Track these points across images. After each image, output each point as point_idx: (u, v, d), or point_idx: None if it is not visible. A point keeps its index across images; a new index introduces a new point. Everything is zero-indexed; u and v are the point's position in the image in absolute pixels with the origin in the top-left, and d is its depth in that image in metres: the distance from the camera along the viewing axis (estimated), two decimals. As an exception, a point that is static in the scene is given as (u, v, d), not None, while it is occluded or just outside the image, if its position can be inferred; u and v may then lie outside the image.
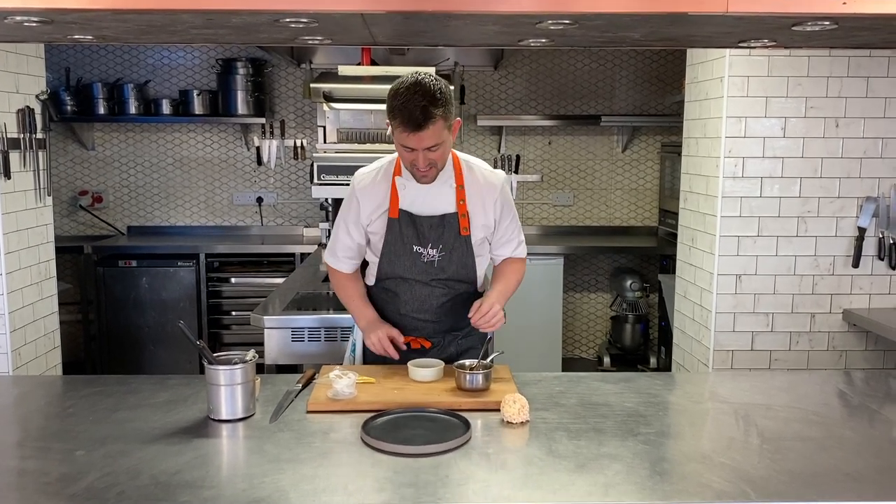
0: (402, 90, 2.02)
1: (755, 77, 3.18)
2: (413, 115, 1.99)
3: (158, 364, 4.86)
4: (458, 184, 2.23)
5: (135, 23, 1.44)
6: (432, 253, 2.24)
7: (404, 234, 2.23)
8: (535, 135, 5.51)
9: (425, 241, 2.23)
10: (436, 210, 2.23)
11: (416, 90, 2.00)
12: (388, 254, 2.26)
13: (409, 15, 1.36)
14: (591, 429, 1.76)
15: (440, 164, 2.16)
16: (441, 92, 2.03)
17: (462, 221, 2.23)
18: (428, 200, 2.23)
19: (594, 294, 5.69)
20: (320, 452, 1.62)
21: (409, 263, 2.25)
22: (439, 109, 2.02)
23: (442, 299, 2.29)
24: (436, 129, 2.03)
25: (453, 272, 2.27)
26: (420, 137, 2.03)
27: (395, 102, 2.03)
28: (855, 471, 1.55)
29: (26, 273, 3.28)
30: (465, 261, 2.27)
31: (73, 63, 5.29)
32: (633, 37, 1.62)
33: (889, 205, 3.27)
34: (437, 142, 2.06)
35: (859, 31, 1.52)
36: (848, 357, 3.37)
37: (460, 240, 2.24)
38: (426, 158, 2.08)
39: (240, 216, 5.55)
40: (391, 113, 2.05)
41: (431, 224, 2.22)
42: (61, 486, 1.46)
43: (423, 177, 2.15)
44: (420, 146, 2.05)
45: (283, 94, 5.43)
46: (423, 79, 2.04)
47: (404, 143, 2.06)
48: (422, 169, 2.11)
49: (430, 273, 2.26)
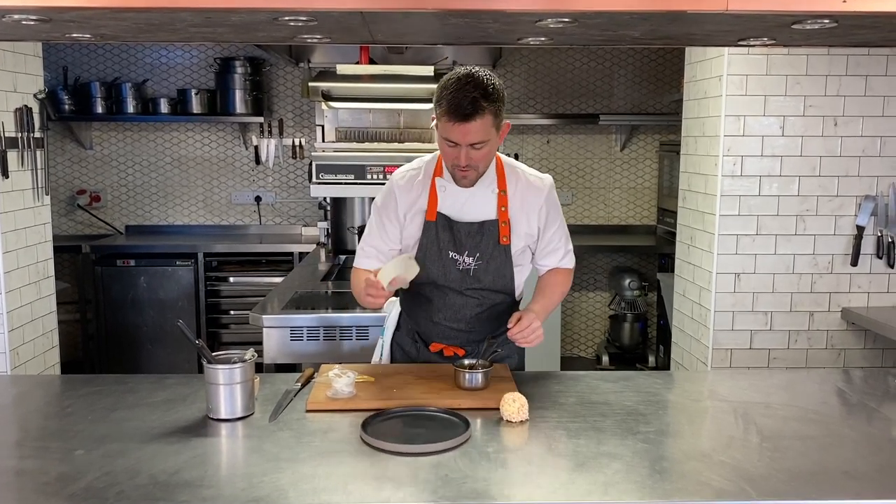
0: (453, 80, 1.92)
1: (754, 76, 3.18)
2: (461, 104, 1.89)
3: (157, 363, 4.86)
4: (501, 189, 2.12)
5: (133, 21, 1.44)
6: (468, 261, 2.12)
7: (440, 239, 2.12)
8: (534, 134, 5.51)
9: (461, 249, 2.12)
10: (475, 216, 2.12)
11: (469, 81, 1.91)
12: (421, 258, 2.13)
13: (408, 13, 1.36)
14: (590, 427, 1.76)
15: (482, 167, 2.05)
16: (494, 87, 1.93)
17: (502, 229, 2.11)
18: (468, 206, 2.12)
19: (593, 293, 5.69)
20: (319, 452, 1.62)
21: (443, 270, 2.14)
22: (490, 104, 1.91)
23: (476, 310, 2.18)
24: (483, 123, 1.92)
25: (489, 282, 2.15)
26: (465, 130, 1.92)
27: (444, 92, 1.93)
28: (854, 469, 1.55)
29: (24, 272, 3.27)
30: (503, 271, 2.15)
31: (70, 62, 5.28)
32: (632, 35, 1.62)
33: (888, 203, 3.28)
34: (483, 139, 1.95)
35: (859, 29, 1.52)
36: (846, 355, 3.38)
37: (499, 248, 2.12)
38: (468, 156, 1.97)
39: (238, 215, 5.55)
40: (438, 102, 1.94)
41: (470, 231, 2.11)
42: (60, 485, 1.45)
43: (462, 176, 2.04)
44: (464, 140, 1.94)
45: (282, 93, 5.43)
46: (478, 72, 1.94)
47: (448, 135, 1.95)
48: (462, 166, 2.00)
49: (464, 282, 2.15)
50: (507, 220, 2.12)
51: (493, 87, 1.93)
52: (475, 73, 1.93)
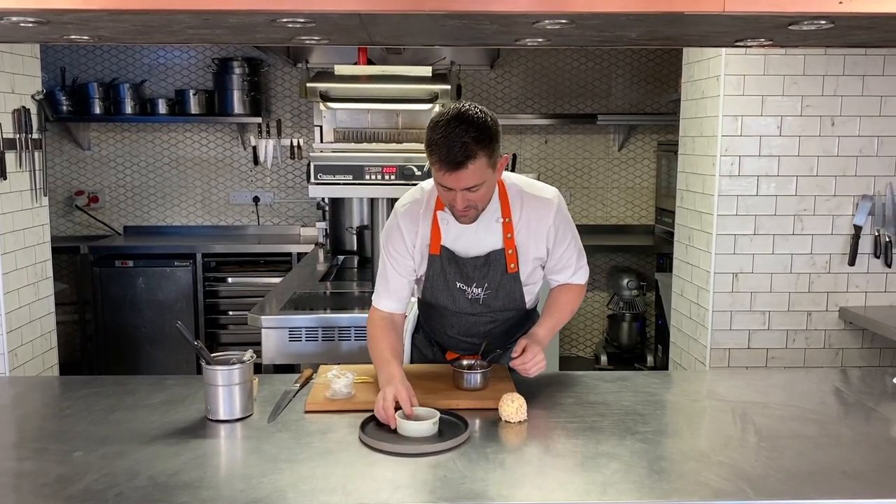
0: (443, 122, 1.83)
1: (751, 76, 3.18)
2: (451, 151, 1.80)
3: (156, 364, 4.85)
4: (506, 217, 2.04)
5: (131, 23, 1.44)
6: (477, 291, 2.09)
7: (446, 272, 2.08)
8: (532, 134, 5.51)
9: (469, 281, 2.08)
10: (480, 250, 2.06)
11: (458, 124, 1.81)
12: (429, 288, 2.12)
13: (406, 15, 1.36)
14: (588, 427, 1.76)
15: (481, 206, 1.97)
16: (486, 128, 1.83)
17: (509, 258, 2.06)
18: (472, 239, 2.06)
19: (591, 293, 5.69)
20: (318, 452, 1.62)
21: (452, 299, 2.12)
22: (482, 147, 1.82)
23: (489, 326, 2.17)
24: (477, 168, 1.83)
25: (500, 307, 2.13)
26: (458, 177, 1.83)
27: (434, 136, 1.84)
28: (852, 468, 1.56)
29: (22, 274, 3.27)
30: (513, 296, 2.12)
31: (68, 63, 5.28)
32: (629, 36, 1.62)
33: (885, 203, 3.28)
34: (478, 182, 1.86)
35: (856, 30, 1.53)
36: (844, 355, 3.38)
37: (507, 277, 2.08)
38: (465, 199, 1.89)
39: (236, 216, 5.54)
40: (429, 147, 1.86)
41: (476, 264, 2.07)
42: (59, 487, 1.46)
43: (461, 216, 1.97)
44: (458, 186, 1.86)
45: (280, 94, 5.43)
46: (468, 111, 1.84)
47: (441, 181, 1.88)
48: (459, 209, 1.93)
49: (475, 308, 2.13)
50: (514, 248, 2.06)
51: (485, 127, 1.83)
52: (465, 112, 1.84)
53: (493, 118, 1.89)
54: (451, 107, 1.88)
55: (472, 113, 1.84)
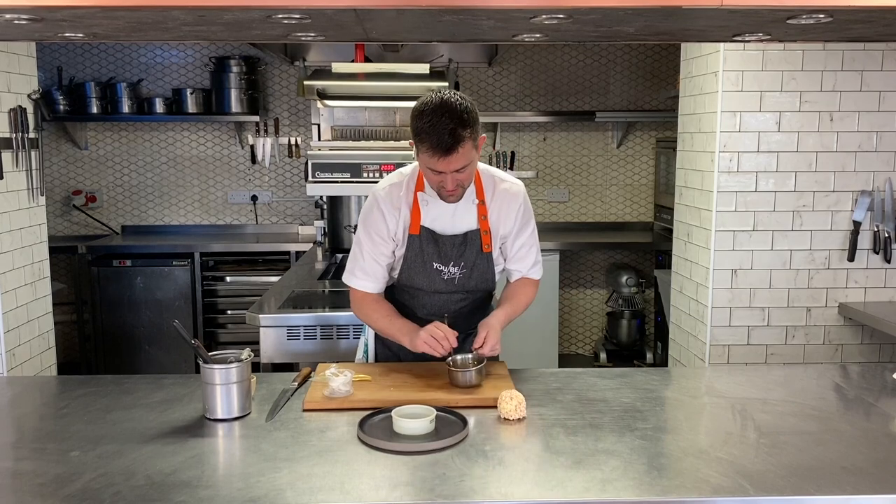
0: (428, 111, 1.94)
1: (749, 72, 3.18)
2: (442, 138, 1.92)
3: (154, 364, 4.85)
4: (480, 199, 2.17)
5: (125, 20, 1.43)
6: (453, 271, 2.18)
7: (425, 252, 2.17)
8: (530, 131, 5.51)
9: (446, 260, 2.17)
10: (458, 228, 2.18)
11: (444, 111, 1.92)
12: (406, 269, 2.20)
13: (402, 10, 1.36)
14: (587, 424, 1.75)
15: (467, 184, 2.09)
16: (468, 111, 1.96)
17: (484, 238, 2.18)
18: (451, 218, 2.17)
19: (590, 290, 5.69)
20: (317, 451, 1.61)
21: (428, 280, 2.20)
22: (468, 130, 1.95)
23: (460, 304, 2.25)
24: (465, 150, 1.96)
25: (472, 286, 2.23)
26: (449, 161, 1.96)
27: (422, 124, 1.95)
28: (852, 464, 1.55)
29: (20, 273, 3.26)
30: (486, 275, 2.22)
31: (65, 62, 5.27)
32: (627, 31, 1.62)
33: (884, 199, 3.28)
34: (466, 163, 1.99)
35: (854, 23, 1.52)
36: (844, 351, 3.38)
37: (482, 256, 2.19)
38: (454, 180, 2.02)
39: (234, 215, 5.54)
40: (418, 136, 1.97)
41: (454, 243, 2.17)
42: (56, 486, 1.45)
43: (449, 196, 2.08)
44: (449, 169, 1.98)
45: (277, 92, 5.42)
46: (449, 98, 1.96)
47: (432, 166, 1.99)
48: (449, 190, 2.05)
49: (449, 286, 2.21)
50: (489, 230, 2.18)
51: (467, 112, 1.95)
52: (447, 99, 1.95)
53: (472, 102, 2.01)
54: (432, 95, 1.98)
55: (454, 100, 1.96)
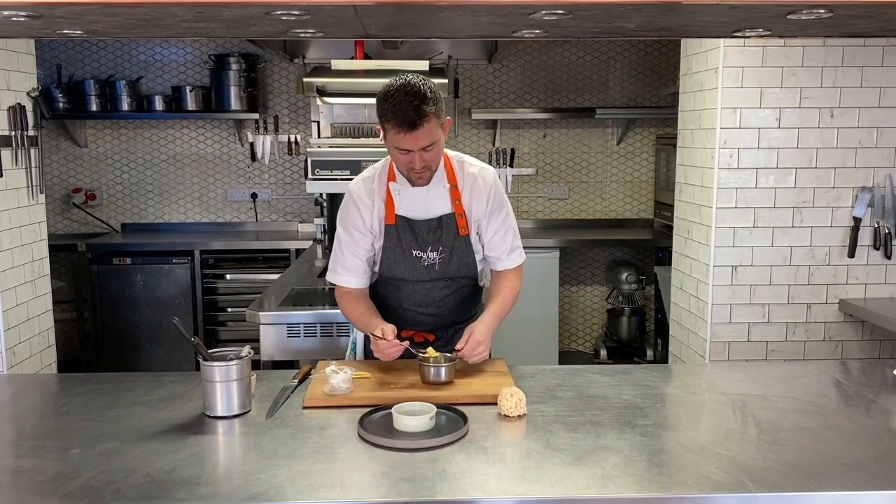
0: (392, 91, 2.01)
1: (750, 68, 3.18)
2: (407, 114, 1.97)
3: (154, 361, 4.85)
4: (452, 184, 2.21)
5: (124, 17, 1.42)
6: (432, 256, 2.21)
7: (402, 240, 2.20)
8: (530, 128, 5.50)
9: (424, 245, 2.21)
10: (432, 213, 2.21)
11: (407, 90, 1.99)
12: (387, 260, 2.23)
13: (401, 6, 1.35)
14: (588, 421, 1.75)
15: (434, 165, 2.13)
16: (431, 90, 2.02)
17: (460, 221, 2.21)
18: (424, 204, 2.21)
19: (590, 287, 5.69)
20: (317, 448, 1.61)
21: (409, 268, 2.23)
22: (431, 107, 2.00)
23: (444, 292, 2.27)
24: (430, 127, 2.01)
25: (454, 272, 2.25)
26: (415, 137, 2.00)
27: (386, 105, 2.01)
28: (852, 460, 1.55)
29: (20, 271, 3.26)
30: (466, 259, 2.25)
31: (64, 60, 5.26)
32: (627, 27, 1.61)
33: (884, 195, 3.28)
34: (432, 140, 2.04)
35: (854, 19, 1.52)
36: (844, 347, 3.38)
37: (460, 239, 2.22)
38: (422, 159, 2.06)
39: (234, 212, 5.53)
40: (383, 116, 2.03)
41: (430, 227, 2.21)
42: (56, 484, 1.45)
43: (418, 178, 2.12)
44: (416, 146, 2.02)
45: (277, 90, 5.41)
46: (412, 79, 2.03)
47: (399, 144, 2.04)
48: (418, 170, 2.08)
49: (431, 274, 2.24)
50: (463, 213, 2.22)
51: (430, 91, 2.02)
52: (409, 80, 2.02)
53: (434, 84, 2.06)
54: (394, 79, 2.05)
55: (414, 82, 2.02)
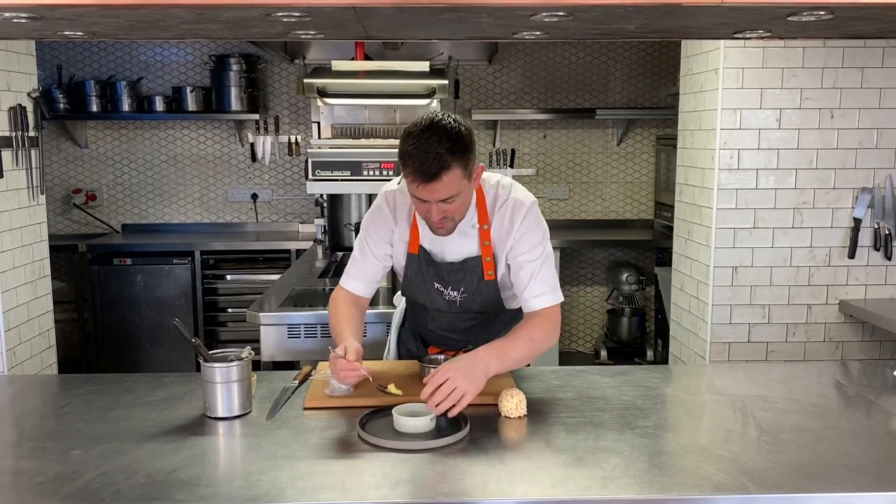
0: (417, 132, 1.78)
1: (750, 69, 3.18)
2: (425, 163, 1.75)
3: (154, 362, 4.85)
4: (483, 224, 1.98)
5: (125, 18, 1.42)
6: (454, 294, 2.06)
7: (424, 272, 2.06)
8: (530, 129, 5.50)
9: (446, 283, 2.06)
10: (457, 255, 2.02)
11: (432, 133, 1.76)
12: (409, 286, 2.12)
13: (402, 8, 1.35)
14: (588, 422, 1.75)
15: (458, 216, 1.91)
16: (460, 135, 1.78)
17: (486, 266, 2.00)
18: (448, 245, 2.01)
19: (590, 288, 5.69)
20: (317, 449, 1.61)
21: (429, 299, 2.10)
22: (457, 157, 1.77)
23: (470, 323, 2.14)
24: (451, 178, 1.77)
25: (478, 308, 2.09)
26: (432, 189, 1.78)
27: (408, 146, 1.79)
28: (853, 461, 1.55)
29: (20, 272, 3.26)
30: (491, 300, 2.07)
31: (65, 60, 5.26)
32: (627, 28, 1.61)
33: (884, 195, 3.28)
34: (453, 193, 1.80)
35: (855, 20, 1.52)
36: (844, 348, 3.38)
37: (484, 283, 2.03)
38: (441, 211, 1.84)
39: (235, 213, 5.53)
40: (402, 159, 1.81)
41: (452, 269, 2.03)
42: (57, 485, 1.45)
43: (438, 228, 1.91)
44: (433, 198, 1.81)
45: (277, 90, 5.41)
46: (442, 120, 1.80)
47: (415, 193, 1.82)
48: (435, 222, 1.88)
49: (452, 308, 2.10)
50: (492, 256, 2.01)
51: (458, 136, 1.78)
52: (439, 122, 1.79)
53: (468, 128, 1.83)
54: (425, 116, 1.82)
55: (445, 123, 1.79)
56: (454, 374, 1.69)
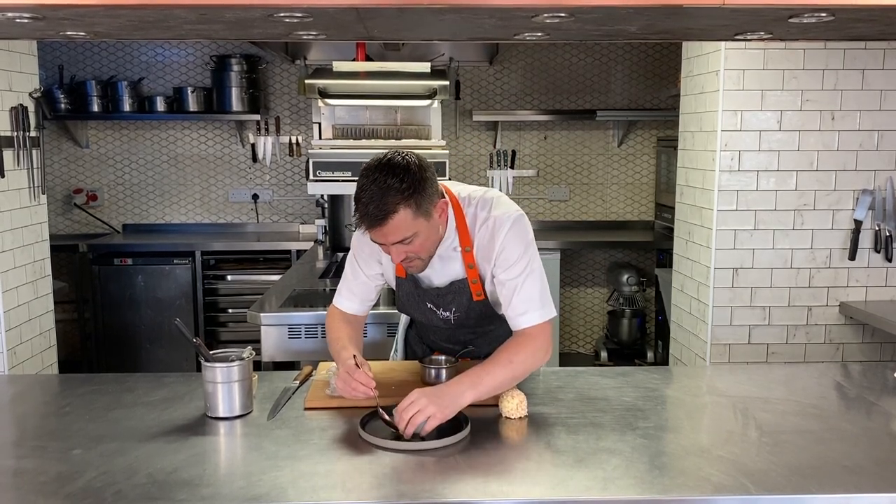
0: (368, 171, 1.70)
1: (751, 70, 3.18)
2: (369, 206, 1.67)
3: (155, 362, 4.85)
4: (464, 246, 1.89)
5: (127, 18, 1.43)
6: (447, 314, 2.01)
7: (415, 294, 2.03)
8: (531, 130, 5.50)
9: (437, 305, 2.01)
10: (442, 280, 1.97)
11: (379, 173, 1.68)
12: (403, 306, 2.10)
13: (403, 9, 1.35)
14: (589, 423, 1.75)
15: (424, 254, 1.83)
16: (411, 174, 1.68)
17: (474, 287, 1.94)
18: (432, 270, 1.94)
19: (591, 289, 5.69)
20: (318, 449, 1.61)
21: (425, 317, 2.07)
22: (406, 198, 1.67)
23: (469, 336, 2.13)
24: (401, 221, 1.69)
25: (474, 324, 2.05)
26: (383, 233, 1.71)
27: (357, 187, 1.71)
28: (853, 463, 1.55)
29: (21, 272, 3.27)
30: (486, 316, 2.01)
31: (66, 61, 5.26)
32: (629, 30, 1.61)
33: (885, 197, 3.28)
34: (406, 235, 1.72)
35: (856, 22, 1.52)
36: (845, 349, 3.38)
37: (474, 303, 1.97)
38: (400, 252, 1.77)
39: (235, 213, 5.54)
40: (354, 199, 1.73)
41: (440, 293, 1.99)
42: (58, 485, 1.45)
43: (408, 268, 1.85)
44: (386, 241, 1.74)
45: (278, 91, 5.42)
46: (393, 159, 1.71)
47: (370, 236, 1.76)
48: (398, 263, 1.83)
49: (448, 325, 2.05)
50: (479, 277, 1.93)
51: (408, 175, 1.68)
52: (389, 161, 1.70)
53: (422, 164, 1.74)
54: (384, 153, 1.75)
55: (396, 161, 1.71)
56: (419, 398, 1.65)
